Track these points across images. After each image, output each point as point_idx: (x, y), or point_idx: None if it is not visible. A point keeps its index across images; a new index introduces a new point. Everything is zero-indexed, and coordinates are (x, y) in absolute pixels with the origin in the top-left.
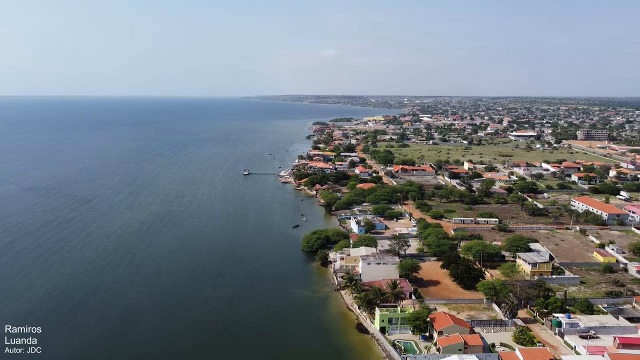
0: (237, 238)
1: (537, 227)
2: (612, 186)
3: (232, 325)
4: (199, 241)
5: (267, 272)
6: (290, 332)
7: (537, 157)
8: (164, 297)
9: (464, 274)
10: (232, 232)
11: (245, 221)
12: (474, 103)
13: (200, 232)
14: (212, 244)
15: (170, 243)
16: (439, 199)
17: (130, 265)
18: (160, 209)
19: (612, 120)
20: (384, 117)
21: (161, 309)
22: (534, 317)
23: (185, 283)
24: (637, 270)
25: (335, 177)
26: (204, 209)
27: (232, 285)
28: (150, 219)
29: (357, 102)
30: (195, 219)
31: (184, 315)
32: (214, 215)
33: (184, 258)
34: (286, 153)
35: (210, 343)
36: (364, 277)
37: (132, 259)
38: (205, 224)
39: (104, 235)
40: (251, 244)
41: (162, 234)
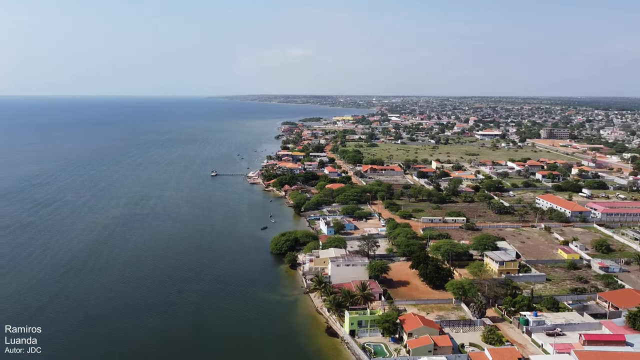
0: (204, 241)
1: (503, 225)
2: (575, 184)
3: (198, 333)
4: (164, 245)
5: (234, 276)
6: (259, 338)
7: (503, 155)
8: (127, 304)
9: (432, 274)
10: (198, 235)
11: (212, 223)
12: (440, 103)
13: (165, 236)
14: (178, 247)
15: (134, 247)
16: (407, 198)
17: (92, 272)
18: (124, 212)
19: (573, 119)
20: (353, 117)
21: (123, 317)
22: (502, 315)
23: (150, 289)
24: (600, 267)
25: (305, 178)
26: (169, 211)
27: (198, 290)
28: (113, 223)
29: (326, 102)
30: (160, 222)
31: (147, 323)
32: (180, 218)
33: (148, 263)
34: (255, 153)
35: (176, 352)
36: (333, 279)
37: (93, 265)
38: (171, 227)
39: (64, 240)
40: (218, 247)
41: (126, 238)
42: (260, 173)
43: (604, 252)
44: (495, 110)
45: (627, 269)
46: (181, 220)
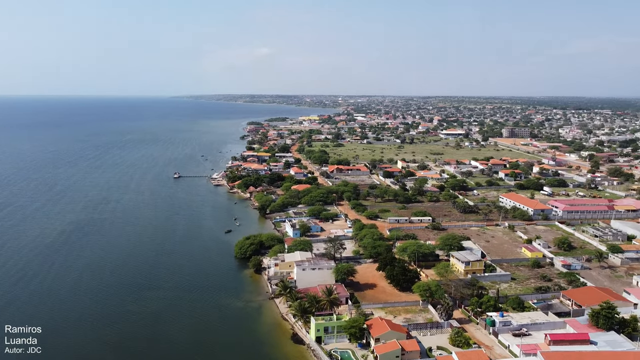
0: (165, 246)
1: (468, 225)
2: (536, 182)
3: (157, 344)
4: (123, 251)
5: (196, 282)
6: (222, 347)
7: (466, 154)
8: (82, 316)
9: (399, 275)
10: (159, 240)
11: (174, 227)
12: (405, 102)
13: (124, 241)
14: (138, 253)
15: (91, 254)
16: (373, 198)
17: (44, 281)
18: (81, 217)
19: (533, 118)
20: (319, 117)
21: (77, 329)
22: (469, 317)
23: (106, 299)
24: (563, 265)
25: (270, 179)
26: (129, 215)
27: (158, 298)
28: (69, 229)
29: (293, 102)
30: (119, 227)
31: (103, 335)
32: (141, 223)
33: (105, 270)
34: (219, 154)
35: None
36: (299, 283)
37: (46, 273)
38: (130, 232)
39: (14, 248)
40: (180, 252)
41: (82, 245)
42: (224, 174)
43: (565, 250)
44: (459, 110)
45: (588, 266)
46: (141, 224)
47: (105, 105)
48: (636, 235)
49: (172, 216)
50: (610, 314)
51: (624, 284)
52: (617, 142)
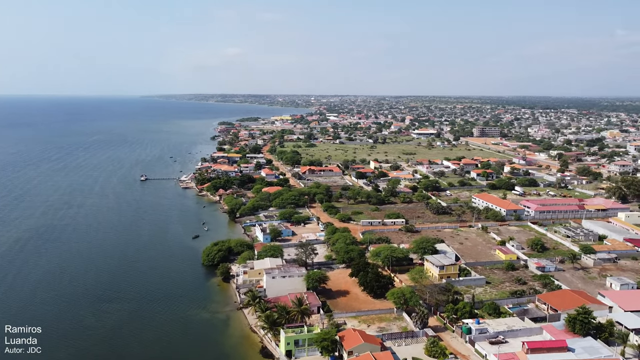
0: (129, 253)
1: (442, 226)
2: (508, 182)
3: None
4: (83, 260)
5: (161, 292)
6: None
7: (438, 154)
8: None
9: (373, 282)
10: (123, 247)
11: (139, 233)
12: (377, 102)
13: (85, 249)
14: (99, 262)
15: (49, 263)
16: (346, 200)
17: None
18: (40, 223)
19: (502, 117)
20: (292, 117)
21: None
22: (445, 324)
23: (63, 313)
24: (537, 267)
25: (240, 181)
26: (92, 221)
27: (119, 311)
28: (26, 236)
29: (265, 101)
30: (81, 233)
31: (57, 354)
32: (104, 228)
33: (63, 281)
34: (189, 155)
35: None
36: (268, 292)
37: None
38: (92, 239)
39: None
40: (144, 260)
41: (40, 253)
42: (193, 176)
43: (539, 251)
44: (430, 109)
45: (562, 267)
46: (104, 230)
47: (73, 105)
48: (607, 235)
49: (137, 221)
50: (587, 319)
51: (598, 286)
52: (584, 141)
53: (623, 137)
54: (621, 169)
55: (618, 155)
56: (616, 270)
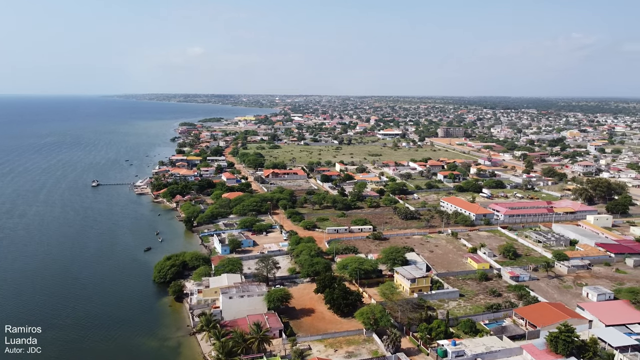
0: (72, 270)
1: (411, 233)
2: (475, 184)
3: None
4: (19, 278)
5: (104, 316)
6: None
7: (404, 155)
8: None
9: (340, 299)
10: (66, 263)
11: (85, 246)
12: (342, 102)
13: (22, 266)
14: (37, 280)
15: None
16: (311, 205)
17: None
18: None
19: (465, 118)
20: (255, 117)
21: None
22: (418, 346)
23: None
24: (511, 277)
25: (199, 186)
26: (34, 232)
27: (54, 340)
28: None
29: (228, 101)
30: (20, 247)
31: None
32: (47, 241)
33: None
34: (146, 158)
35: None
36: (225, 314)
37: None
38: (32, 254)
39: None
40: (88, 277)
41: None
42: (149, 181)
43: (511, 259)
44: (394, 110)
45: (536, 276)
46: (47, 243)
47: (27, 104)
48: (578, 239)
49: (85, 232)
50: (570, 338)
51: (574, 296)
52: (546, 141)
53: (582, 137)
54: (584, 169)
55: (580, 156)
56: (591, 278)
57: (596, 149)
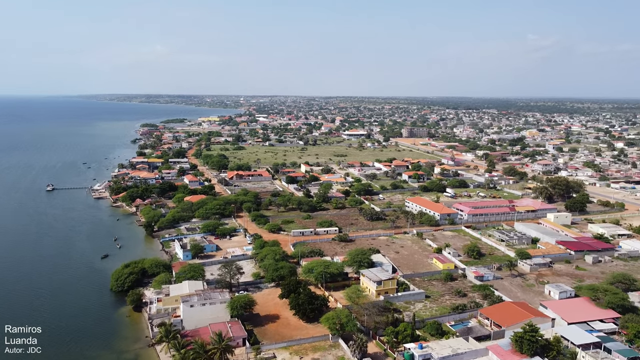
0: (23, 280)
1: (376, 234)
2: (439, 183)
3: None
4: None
5: (57, 328)
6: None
7: (369, 156)
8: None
9: (305, 304)
10: (17, 272)
11: (38, 254)
12: (307, 102)
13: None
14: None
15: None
16: (276, 207)
17: None
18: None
19: (429, 118)
20: (219, 118)
21: None
22: (385, 350)
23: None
24: (475, 276)
25: (161, 189)
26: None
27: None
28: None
29: (192, 102)
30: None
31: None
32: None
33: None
34: (105, 161)
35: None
36: (186, 323)
37: None
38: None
39: None
40: (42, 287)
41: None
42: (108, 185)
43: (476, 258)
44: (359, 110)
45: (500, 275)
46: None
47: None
48: (539, 237)
49: (38, 239)
50: (534, 338)
51: (537, 294)
52: (506, 141)
53: (541, 136)
54: (544, 168)
55: (539, 155)
56: (552, 276)
57: (554, 148)
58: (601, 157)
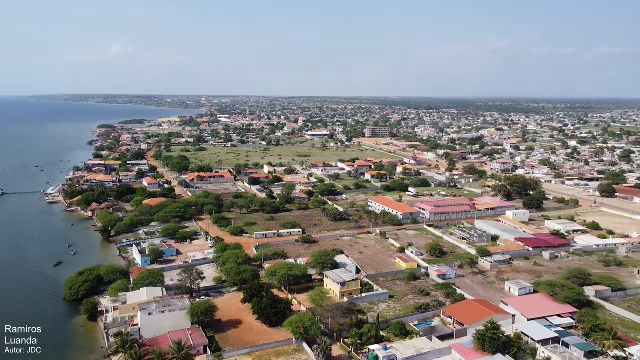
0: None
1: (340, 234)
2: (401, 183)
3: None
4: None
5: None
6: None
7: (332, 156)
8: None
9: (268, 309)
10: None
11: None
12: (270, 102)
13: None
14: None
15: None
16: (239, 209)
17: None
18: None
19: (391, 118)
20: (180, 118)
21: None
22: (350, 353)
23: None
24: (438, 275)
25: (118, 192)
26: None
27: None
28: None
29: (152, 102)
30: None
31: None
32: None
33: None
34: (59, 164)
35: None
36: (144, 332)
37: None
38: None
39: None
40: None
41: None
42: (62, 189)
43: (438, 257)
44: (322, 110)
45: (462, 273)
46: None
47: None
48: (499, 235)
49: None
50: (496, 335)
51: (498, 291)
52: (466, 140)
53: (499, 135)
54: (502, 166)
55: (497, 153)
56: (512, 272)
57: (512, 146)
58: (556, 155)
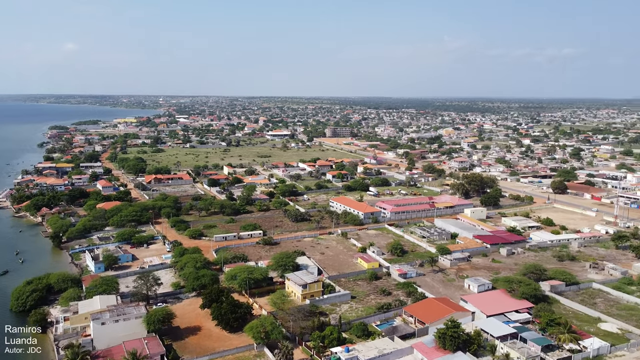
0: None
1: (302, 235)
2: (362, 182)
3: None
4: None
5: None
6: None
7: (294, 156)
8: None
9: (228, 314)
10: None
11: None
12: (230, 103)
13: None
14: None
15: None
16: (198, 212)
17: None
18: None
19: (351, 117)
20: (137, 119)
21: None
22: (312, 356)
23: None
24: (399, 274)
25: (70, 196)
26: None
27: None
28: None
29: (107, 102)
30: None
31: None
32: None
33: None
34: (7, 167)
35: None
36: (97, 342)
37: None
38: None
39: None
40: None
41: None
42: (9, 193)
43: (399, 256)
44: (283, 110)
45: (422, 271)
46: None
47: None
48: (458, 232)
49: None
50: (456, 333)
51: (458, 288)
52: (425, 139)
53: (457, 134)
54: (460, 165)
55: (455, 152)
56: (471, 270)
57: (469, 145)
58: (511, 154)
